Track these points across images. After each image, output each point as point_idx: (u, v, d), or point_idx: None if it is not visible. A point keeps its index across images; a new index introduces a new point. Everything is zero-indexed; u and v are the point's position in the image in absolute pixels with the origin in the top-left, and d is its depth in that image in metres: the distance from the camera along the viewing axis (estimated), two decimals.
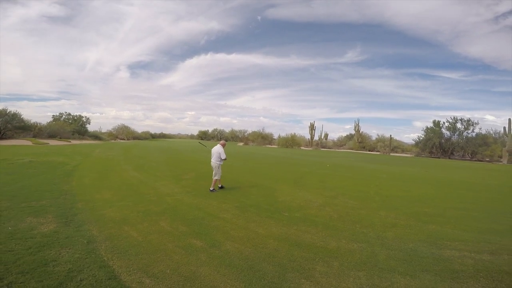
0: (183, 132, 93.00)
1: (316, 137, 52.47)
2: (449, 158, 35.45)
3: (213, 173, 7.41)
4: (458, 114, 36.63)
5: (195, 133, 79.39)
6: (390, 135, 40.08)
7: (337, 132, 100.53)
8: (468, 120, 35.77)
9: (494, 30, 61.34)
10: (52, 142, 30.68)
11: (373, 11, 66.95)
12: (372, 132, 72.89)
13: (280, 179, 10.04)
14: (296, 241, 4.16)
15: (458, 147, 36.14)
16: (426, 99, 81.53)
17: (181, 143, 48.24)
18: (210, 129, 73.35)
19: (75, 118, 46.32)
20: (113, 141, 51.81)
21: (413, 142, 39.73)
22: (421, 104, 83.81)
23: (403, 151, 42.60)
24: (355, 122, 48.27)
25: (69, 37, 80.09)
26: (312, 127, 51.72)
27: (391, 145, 39.73)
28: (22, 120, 33.38)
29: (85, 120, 47.19)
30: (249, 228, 4.71)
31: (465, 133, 35.99)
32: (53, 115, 46.04)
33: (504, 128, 33.73)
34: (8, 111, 31.56)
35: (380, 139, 43.87)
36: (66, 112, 46.63)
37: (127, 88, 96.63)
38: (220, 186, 7.74)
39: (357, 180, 10.72)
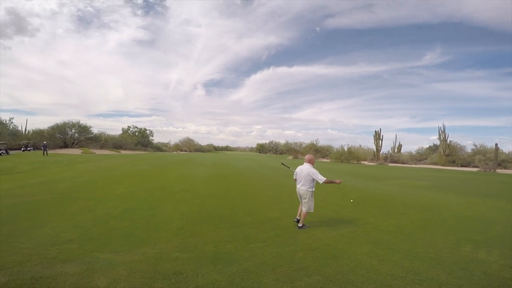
0: (250, 146, 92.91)
1: (388, 150, 40.58)
2: None
3: (302, 203, 4.41)
4: None
5: (254, 145, 77.40)
6: (496, 145, 25.61)
7: (420, 144, 79.40)
8: None
9: None
10: (100, 152, 31.70)
11: (447, 8, 54.24)
12: (467, 142, 53.11)
13: None
14: None
15: None
16: None
17: (228, 156, 45.57)
18: (267, 142, 69.79)
19: (141, 131, 50.37)
20: (174, 152, 53.70)
21: None
22: None
23: None
24: (439, 129, 34.32)
25: (155, 59, 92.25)
26: (378, 137, 39.97)
27: (498, 158, 25.37)
28: (91, 132, 37.71)
29: (148, 133, 50.83)
30: None
31: None
32: (122, 128, 51.26)
33: None
34: (80, 124, 35.81)
35: (479, 151, 29.33)
36: (133, 126, 51.30)
37: (203, 104, 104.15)
38: (298, 219, 4.59)
39: None
